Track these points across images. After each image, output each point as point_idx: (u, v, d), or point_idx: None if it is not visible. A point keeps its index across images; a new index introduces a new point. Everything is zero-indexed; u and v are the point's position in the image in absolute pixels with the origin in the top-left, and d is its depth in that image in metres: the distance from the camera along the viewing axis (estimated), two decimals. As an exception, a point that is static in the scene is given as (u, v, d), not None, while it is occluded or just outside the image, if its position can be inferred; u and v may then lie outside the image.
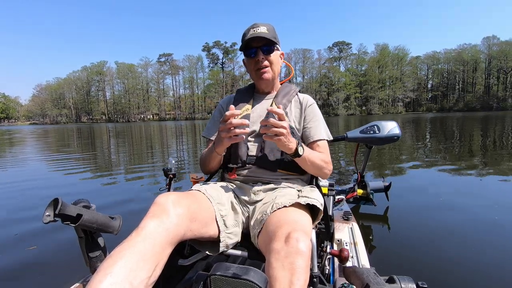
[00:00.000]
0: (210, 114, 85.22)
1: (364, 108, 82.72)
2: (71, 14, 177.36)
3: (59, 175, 5.03)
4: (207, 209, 1.01)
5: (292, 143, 1.02)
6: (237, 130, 0.97)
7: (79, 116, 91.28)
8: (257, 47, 1.21)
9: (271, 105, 1.27)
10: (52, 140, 14.42)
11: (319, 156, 1.17)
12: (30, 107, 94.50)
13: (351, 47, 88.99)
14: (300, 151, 1.06)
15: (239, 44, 1.27)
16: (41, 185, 4.31)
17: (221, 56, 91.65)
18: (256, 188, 1.18)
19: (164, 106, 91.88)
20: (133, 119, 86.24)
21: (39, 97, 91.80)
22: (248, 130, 0.99)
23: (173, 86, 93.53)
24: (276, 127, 0.94)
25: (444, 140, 9.03)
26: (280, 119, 0.95)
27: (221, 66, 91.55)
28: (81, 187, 4.18)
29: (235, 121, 0.96)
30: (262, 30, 1.20)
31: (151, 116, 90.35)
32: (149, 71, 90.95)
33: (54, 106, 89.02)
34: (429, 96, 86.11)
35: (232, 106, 0.99)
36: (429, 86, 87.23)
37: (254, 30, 1.20)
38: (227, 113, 0.97)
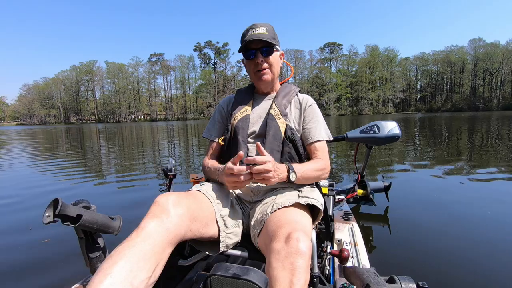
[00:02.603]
0: (202, 115, 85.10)
1: (355, 108, 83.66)
2: (59, 12, 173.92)
3: (54, 178, 4.92)
4: (207, 209, 1.00)
5: (282, 174, 1.01)
6: (242, 178, 0.97)
7: (67, 116, 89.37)
8: (256, 49, 1.19)
9: (270, 106, 1.26)
10: (41, 142, 14.08)
11: (312, 168, 1.14)
12: (17, 107, 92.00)
13: (342, 48, 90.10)
14: (292, 178, 1.04)
15: (231, 44, 1.24)
16: (40, 187, 4.24)
17: (213, 56, 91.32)
18: (256, 188, 1.17)
19: (155, 106, 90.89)
20: (123, 120, 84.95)
21: (26, 97, 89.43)
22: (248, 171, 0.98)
23: (164, 86, 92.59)
24: (262, 173, 0.94)
25: (437, 140, 9.21)
26: (261, 163, 0.94)
27: (213, 66, 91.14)
28: (80, 189, 4.12)
29: (242, 175, 0.96)
30: (261, 31, 1.18)
31: (142, 117, 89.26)
32: (140, 71, 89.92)
33: (42, 106, 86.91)
34: (418, 96, 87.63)
35: (240, 156, 0.96)
36: (418, 87, 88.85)
37: (253, 31, 1.18)
38: (235, 168, 0.96)
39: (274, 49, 1.22)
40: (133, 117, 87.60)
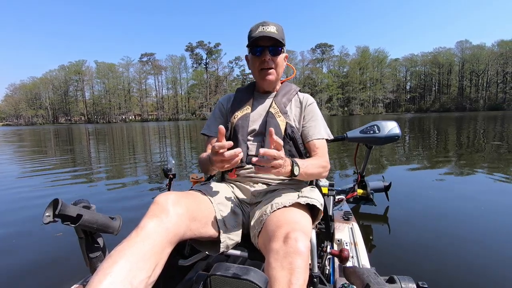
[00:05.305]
0: (194, 115, 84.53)
1: (346, 108, 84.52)
2: (47, 10, 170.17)
3: (53, 178, 4.82)
4: (207, 209, 1.01)
5: (287, 167, 0.96)
6: (233, 162, 0.91)
7: (56, 117, 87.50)
8: (264, 46, 1.18)
9: (270, 105, 1.26)
10: (32, 144, 13.75)
11: (315, 164, 1.13)
12: (3, 108, 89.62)
13: (333, 49, 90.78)
14: (296, 172, 1.00)
15: (223, 44, 1.25)
16: (39, 187, 4.19)
17: (204, 56, 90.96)
18: (256, 189, 1.17)
19: (147, 107, 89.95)
20: (114, 120, 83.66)
21: (12, 97, 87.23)
22: (241, 156, 0.92)
23: (155, 86, 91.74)
24: (276, 159, 0.88)
25: (430, 139, 9.39)
26: (277, 149, 0.89)
27: (204, 66, 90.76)
28: (79, 189, 4.08)
29: (227, 154, 0.89)
30: (271, 29, 1.17)
31: (133, 117, 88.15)
32: (130, 71, 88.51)
33: (29, 106, 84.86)
34: (408, 97, 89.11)
35: (222, 132, 0.90)
36: (407, 87, 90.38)
37: (263, 28, 1.17)
38: (216, 145, 0.89)
39: (282, 49, 1.22)
40: (123, 117, 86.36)
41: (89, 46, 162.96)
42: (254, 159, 0.87)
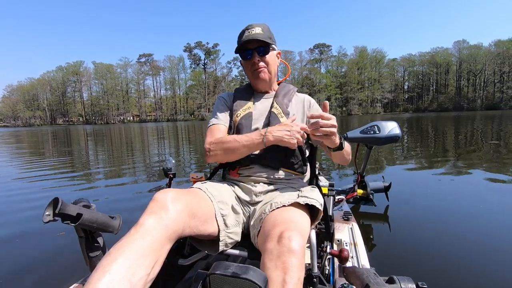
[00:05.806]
0: (192, 116, 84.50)
1: (344, 109, 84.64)
2: (46, 10, 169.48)
3: (52, 179, 4.82)
4: (207, 206, 1.00)
5: (337, 138, 1.05)
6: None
7: (54, 118, 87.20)
8: (252, 49, 1.21)
9: (271, 104, 1.28)
10: (32, 145, 13.70)
11: (349, 149, 1.21)
12: (0, 109, 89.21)
13: (331, 49, 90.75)
14: (344, 145, 1.10)
15: (222, 45, 1.28)
16: (39, 188, 4.21)
17: (203, 57, 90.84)
18: (257, 189, 1.17)
19: (145, 108, 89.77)
20: (112, 121, 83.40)
21: (10, 98, 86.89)
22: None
23: (153, 87, 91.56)
24: (332, 126, 0.98)
25: (429, 139, 9.44)
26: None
27: (203, 67, 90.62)
28: (79, 189, 4.09)
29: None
30: (256, 31, 1.20)
31: (131, 118, 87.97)
32: (128, 71, 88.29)
33: (27, 107, 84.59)
34: (406, 97, 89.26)
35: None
36: (405, 87, 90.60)
37: (248, 32, 1.20)
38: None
39: (271, 48, 1.24)
40: (122, 118, 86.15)
41: (87, 46, 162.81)
42: (326, 102, 1.00)
